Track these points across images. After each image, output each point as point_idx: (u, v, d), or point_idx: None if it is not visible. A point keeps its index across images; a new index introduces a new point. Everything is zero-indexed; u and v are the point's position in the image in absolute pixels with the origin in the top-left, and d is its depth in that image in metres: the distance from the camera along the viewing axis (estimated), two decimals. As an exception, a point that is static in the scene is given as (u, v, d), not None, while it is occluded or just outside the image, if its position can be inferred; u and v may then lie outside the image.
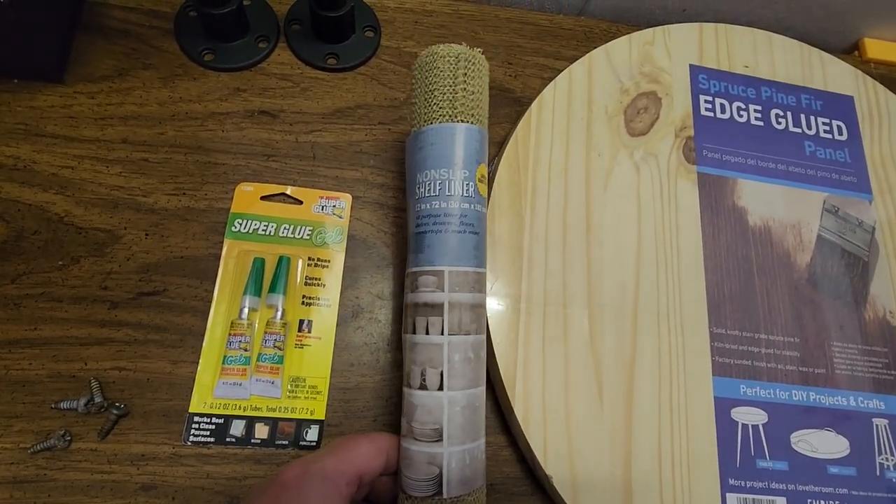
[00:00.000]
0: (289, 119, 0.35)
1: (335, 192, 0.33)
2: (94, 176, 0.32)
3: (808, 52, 0.41)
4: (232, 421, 0.28)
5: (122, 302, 0.30)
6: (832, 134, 0.38)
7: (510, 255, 0.32)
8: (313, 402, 0.29)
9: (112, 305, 0.29)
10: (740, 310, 0.33)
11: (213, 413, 0.28)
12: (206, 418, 0.28)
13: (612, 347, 0.31)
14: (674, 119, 0.37)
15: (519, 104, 0.38)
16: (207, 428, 0.28)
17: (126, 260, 0.30)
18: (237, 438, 0.28)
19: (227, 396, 0.29)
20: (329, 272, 0.32)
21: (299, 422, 0.29)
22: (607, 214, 0.33)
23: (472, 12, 0.40)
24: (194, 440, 0.28)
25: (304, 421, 0.29)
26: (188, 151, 0.33)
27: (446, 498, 0.23)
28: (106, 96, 0.34)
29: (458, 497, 0.23)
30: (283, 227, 0.32)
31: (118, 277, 0.30)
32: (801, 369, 0.32)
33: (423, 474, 0.23)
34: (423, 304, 0.25)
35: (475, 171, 0.26)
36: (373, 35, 0.38)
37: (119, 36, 0.35)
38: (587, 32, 0.41)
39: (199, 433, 0.28)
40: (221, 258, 0.31)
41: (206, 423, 0.28)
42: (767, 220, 0.35)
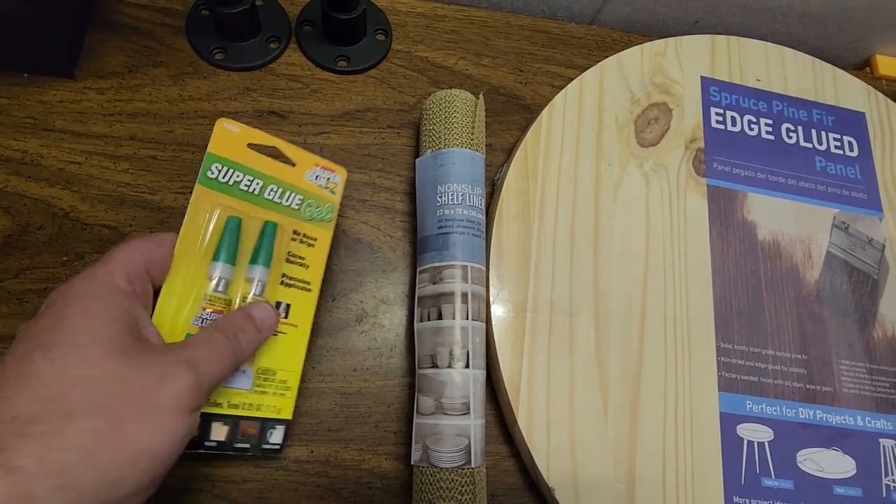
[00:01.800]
0: (298, 120, 0.35)
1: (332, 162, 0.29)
2: (101, 172, 0.32)
3: (821, 68, 0.40)
4: None
5: (125, 300, 0.29)
6: (843, 150, 0.38)
7: (517, 263, 0.31)
8: (281, 400, 0.26)
9: (115, 303, 0.29)
10: (748, 325, 0.33)
11: None
12: None
13: (617, 359, 0.30)
14: (684, 131, 0.36)
15: (529, 111, 0.38)
16: None
17: (130, 257, 0.30)
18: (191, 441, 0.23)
19: None
20: (314, 252, 0.28)
21: (263, 421, 0.25)
22: (616, 225, 0.33)
23: (483, 18, 0.40)
24: None
25: (268, 421, 0.25)
26: (196, 150, 0.33)
27: (474, 467, 0.26)
28: (115, 92, 0.33)
29: (479, 467, 0.27)
30: (269, 188, 0.26)
31: (122, 275, 0.30)
32: (808, 387, 0.32)
33: (454, 446, 0.26)
34: (450, 293, 0.28)
35: (483, 190, 0.31)
36: (384, 38, 0.38)
37: (131, 32, 0.35)
38: (599, 42, 0.41)
39: None
40: (189, 208, 0.25)
41: None
42: (777, 234, 0.35)
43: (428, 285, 0.29)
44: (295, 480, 0.28)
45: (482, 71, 0.39)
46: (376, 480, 0.29)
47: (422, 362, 0.28)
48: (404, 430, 0.30)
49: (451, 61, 0.38)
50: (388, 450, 0.29)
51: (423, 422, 0.27)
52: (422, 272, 0.30)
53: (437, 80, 0.38)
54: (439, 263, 0.29)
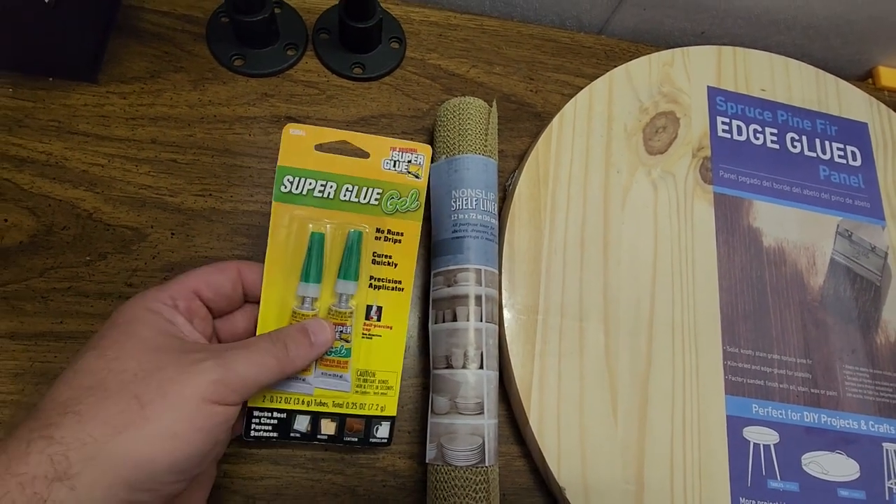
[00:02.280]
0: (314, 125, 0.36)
1: (413, 142, 0.27)
2: (123, 174, 0.32)
3: (824, 79, 0.41)
4: (295, 416, 0.26)
5: (146, 299, 0.30)
6: (846, 159, 0.39)
7: (529, 267, 0.32)
8: (384, 399, 0.27)
9: (137, 302, 0.30)
10: (753, 329, 0.33)
11: (275, 407, 0.26)
12: (266, 413, 0.26)
13: (626, 363, 0.31)
14: (691, 139, 0.37)
15: (539, 119, 0.39)
16: (269, 423, 0.26)
17: (151, 258, 0.31)
18: (302, 434, 0.26)
19: (290, 390, 0.26)
20: (402, 248, 0.26)
21: (369, 418, 0.27)
22: (625, 231, 0.34)
23: (495, 27, 0.41)
24: (255, 435, 0.26)
25: (374, 417, 0.27)
26: (215, 154, 0.34)
27: (487, 466, 0.27)
28: (137, 97, 0.34)
29: (492, 466, 0.27)
30: (344, 189, 0.26)
31: (143, 275, 0.31)
32: (813, 391, 0.33)
33: (468, 445, 0.27)
34: (464, 295, 0.29)
35: (496, 195, 0.32)
36: (398, 46, 0.39)
37: (152, 39, 0.36)
38: (607, 51, 0.42)
39: (261, 427, 0.26)
40: (270, 226, 0.25)
41: (268, 418, 0.26)
42: (781, 241, 0.36)
43: (443, 288, 0.30)
44: (311, 478, 0.29)
45: (494, 79, 0.39)
46: (390, 479, 0.29)
47: (437, 363, 0.29)
48: (418, 430, 0.30)
49: (463, 69, 0.39)
50: (402, 448, 0.30)
51: (438, 421, 0.28)
52: (436, 275, 0.31)
53: (450, 87, 0.39)
54: (454, 267, 0.30)
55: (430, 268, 0.32)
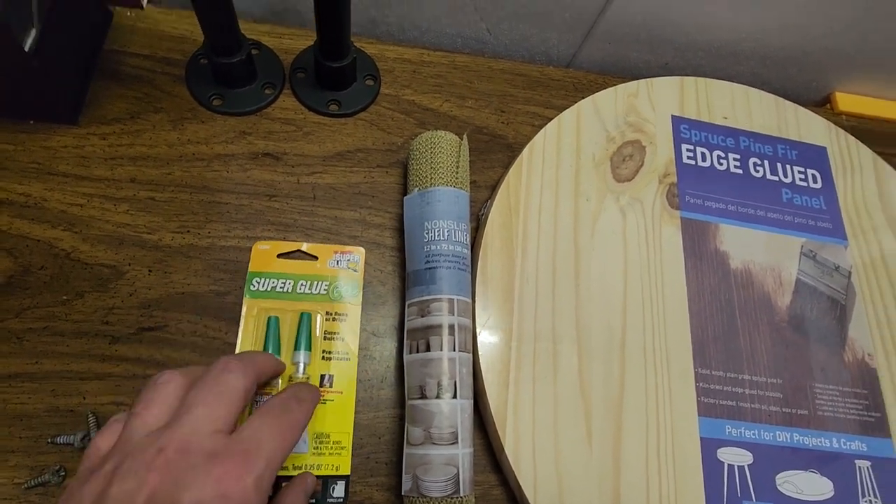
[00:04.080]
0: (291, 161, 0.37)
1: (349, 246, 0.34)
2: (101, 213, 0.33)
3: (783, 105, 0.43)
4: None
5: (122, 337, 0.30)
6: (807, 182, 0.41)
7: (502, 295, 0.33)
8: (338, 458, 0.29)
9: (113, 340, 0.30)
10: (724, 351, 0.34)
11: None
12: None
13: (600, 388, 0.31)
14: (657, 166, 0.39)
15: (511, 150, 0.40)
16: None
17: (129, 295, 0.31)
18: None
19: None
20: (347, 325, 0.32)
21: (325, 478, 0.29)
22: (595, 257, 0.35)
23: (466, 63, 0.43)
24: None
25: (330, 477, 0.29)
26: (194, 191, 0.35)
27: (462, 496, 0.27)
28: (117, 137, 0.35)
29: (468, 496, 0.27)
30: (300, 284, 0.32)
31: (120, 312, 0.31)
32: (785, 410, 0.33)
33: (443, 475, 0.27)
34: (437, 325, 0.29)
35: (468, 226, 0.33)
36: (373, 83, 0.40)
37: (133, 81, 0.37)
38: (575, 84, 0.44)
39: None
40: (242, 317, 0.31)
41: None
42: (748, 263, 0.37)
43: (416, 318, 0.30)
44: (287, 514, 0.28)
45: (466, 112, 0.41)
46: (367, 512, 0.29)
47: (411, 393, 0.29)
48: (395, 461, 0.30)
49: (436, 104, 0.41)
50: (379, 480, 0.30)
51: (412, 452, 0.28)
52: (410, 305, 0.31)
53: (424, 121, 0.40)
54: (427, 297, 0.30)
55: (404, 298, 0.32)
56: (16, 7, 0.27)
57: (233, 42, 0.35)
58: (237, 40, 0.35)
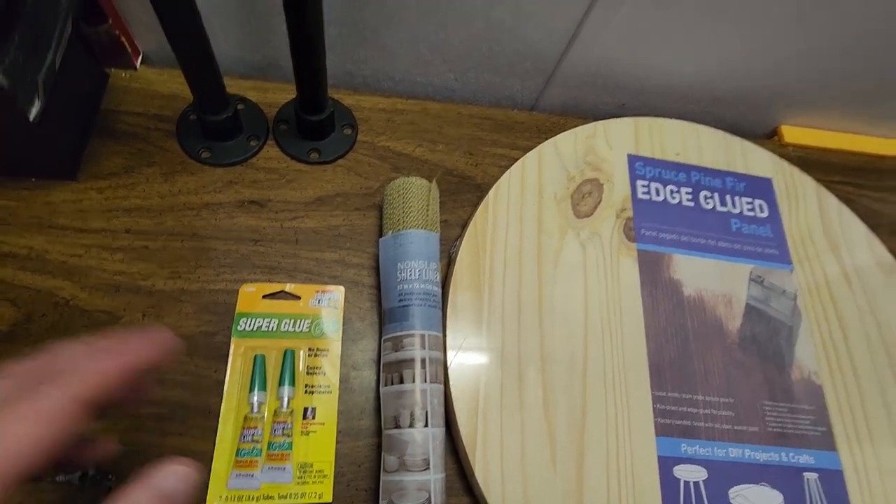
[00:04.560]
0: (275, 207, 0.40)
1: (329, 285, 0.37)
2: (99, 263, 0.36)
3: (731, 141, 0.47)
4: None
5: (118, 379, 0.33)
6: (755, 212, 0.44)
7: (471, 329, 0.35)
8: (321, 486, 0.31)
9: (109, 382, 0.32)
10: (679, 373, 0.37)
11: None
12: None
13: (563, 414, 0.34)
14: (615, 202, 0.42)
15: (479, 190, 0.43)
16: None
17: (124, 339, 0.34)
18: None
19: (241, 487, 0.31)
20: (328, 360, 0.35)
21: None
22: (557, 290, 0.38)
23: (437, 110, 0.46)
24: None
25: None
26: (184, 238, 0.37)
27: None
28: (113, 191, 0.38)
29: None
30: (284, 322, 0.35)
31: (116, 356, 0.33)
32: (737, 427, 0.36)
33: (416, 500, 0.29)
34: (410, 359, 0.32)
35: (438, 265, 0.36)
36: (350, 132, 0.43)
37: (128, 138, 0.40)
38: (539, 126, 0.47)
39: None
40: (230, 356, 0.33)
41: None
42: (701, 290, 0.40)
43: (391, 353, 0.33)
44: (273, 541, 0.30)
45: (437, 156, 0.44)
46: (348, 537, 0.31)
47: (387, 423, 0.32)
48: (374, 488, 0.33)
49: (410, 149, 0.44)
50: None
51: (388, 479, 0.30)
52: (385, 340, 0.34)
53: (398, 165, 0.43)
54: (400, 333, 0.33)
55: (381, 335, 0.35)
56: (22, 82, 0.31)
57: (220, 101, 0.38)
58: (224, 100, 0.38)
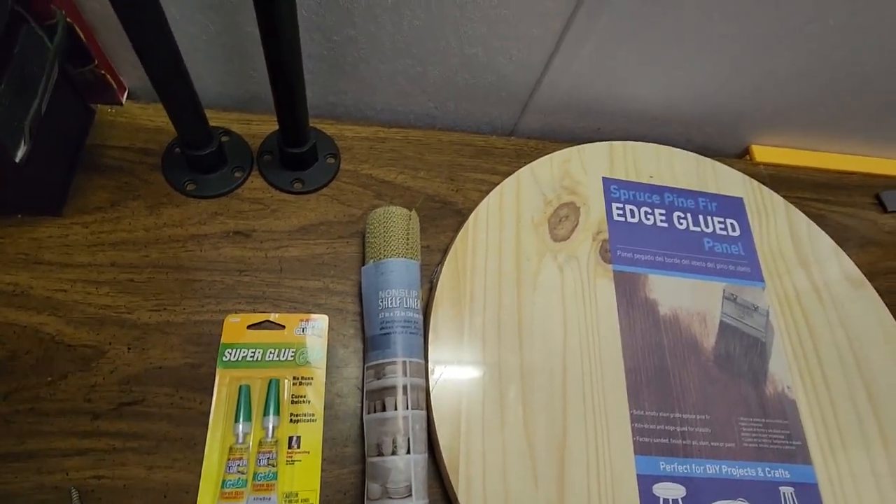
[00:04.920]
0: (260, 237, 0.40)
1: (314, 313, 0.37)
2: (84, 297, 0.36)
3: (703, 162, 0.48)
4: None
5: (103, 413, 0.33)
6: (727, 231, 0.45)
7: (452, 353, 0.36)
8: None
9: (94, 417, 0.33)
10: (656, 392, 0.38)
11: None
12: None
13: (544, 434, 0.35)
14: (591, 225, 0.43)
15: (460, 215, 0.44)
16: None
17: (110, 373, 0.34)
18: None
19: None
20: (312, 388, 0.35)
21: None
22: (536, 312, 0.39)
23: (419, 137, 0.47)
24: None
25: None
26: (169, 270, 0.38)
27: None
28: (99, 225, 0.39)
29: None
30: (269, 352, 0.35)
31: (101, 390, 0.34)
32: (713, 444, 0.37)
33: None
34: (392, 386, 0.33)
35: (419, 292, 0.36)
36: (333, 161, 0.44)
37: (113, 172, 0.41)
38: (517, 150, 0.49)
39: None
40: (215, 387, 0.34)
41: None
42: (676, 309, 0.41)
43: (374, 380, 0.34)
44: (258, 572, 0.31)
45: (419, 182, 0.45)
46: (333, 566, 0.32)
47: (370, 451, 0.32)
48: (358, 515, 0.33)
49: (392, 176, 0.45)
50: (343, 535, 0.32)
51: (370, 508, 0.31)
52: (368, 368, 0.34)
53: (381, 193, 0.44)
54: (382, 360, 0.34)
55: (364, 362, 0.35)
56: (9, 128, 0.31)
57: (203, 137, 0.39)
58: (207, 135, 0.39)
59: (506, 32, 0.41)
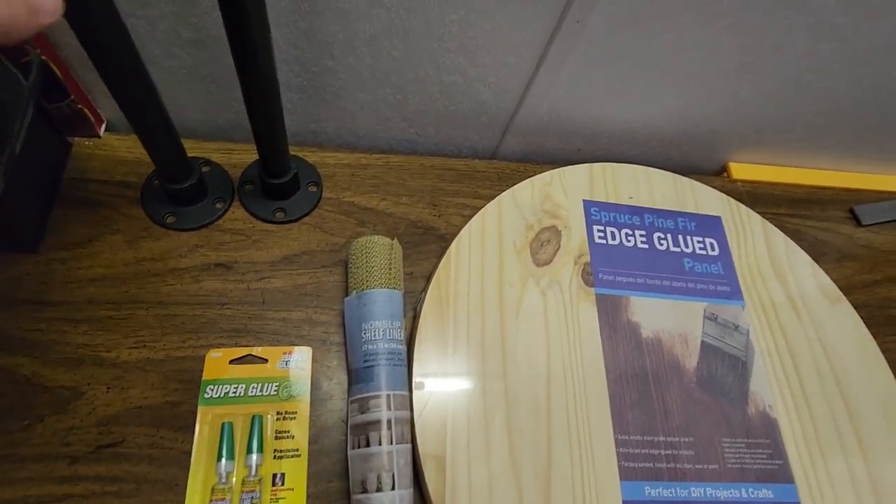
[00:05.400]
0: (241, 269, 0.40)
1: (297, 346, 0.37)
2: (61, 336, 0.36)
3: (681, 182, 0.49)
4: None
5: (81, 456, 0.32)
6: (706, 250, 0.46)
7: (437, 382, 0.36)
8: None
9: (72, 461, 0.32)
10: (640, 415, 0.38)
11: None
12: None
13: (530, 462, 0.35)
14: (572, 248, 0.43)
15: (443, 240, 0.44)
16: None
17: (88, 414, 0.34)
18: None
19: None
20: (296, 423, 0.35)
21: None
22: (520, 339, 0.39)
23: (400, 162, 0.48)
24: None
25: None
26: (149, 306, 0.38)
27: None
28: (77, 261, 0.38)
29: None
30: (251, 387, 0.35)
31: (79, 432, 0.33)
32: (697, 466, 0.37)
33: None
34: (376, 421, 0.33)
35: (402, 323, 0.36)
36: (315, 189, 0.44)
37: (91, 206, 0.40)
38: (499, 173, 0.49)
39: None
40: (196, 425, 0.33)
41: None
42: (658, 331, 0.41)
43: (357, 414, 0.33)
44: None
45: (401, 209, 0.45)
46: None
47: (354, 487, 0.32)
48: (345, 552, 0.33)
49: (374, 203, 0.45)
50: (329, 573, 0.32)
51: (356, 544, 0.30)
52: (352, 402, 0.34)
53: (363, 220, 0.44)
54: (366, 394, 0.34)
55: (348, 395, 0.35)
56: (-20, 167, 0.31)
57: (183, 170, 0.39)
58: (187, 168, 0.39)
59: (483, 61, 0.41)
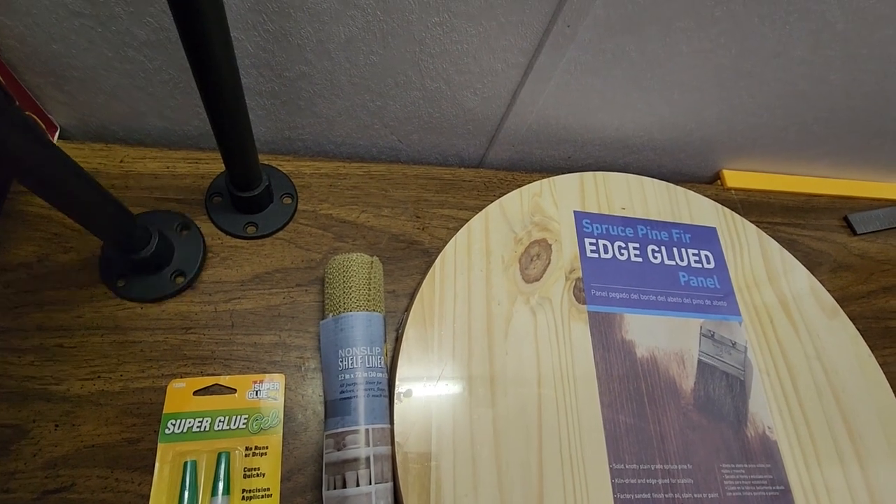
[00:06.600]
0: (208, 289, 0.37)
1: (268, 373, 0.34)
2: (3, 368, 0.32)
3: (675, 191, 0.47)
4: None
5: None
6: (702, 263, 0.44)
7: (420, 412, 0.34)
8: None
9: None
10: (636, 442, 0.36)
11: None
12: None
13: (520, 497, 0.32)
14: (563, 263, 0.41)
15: (427, 255, 0.42)
16: None
17: (32, 456, 0.30)
18: None
19: None
20: (267, 460, 0.32)
21: None
22: (509, 361, 0.36)
23: (382, 172, 0.45)
24: None
25: None
26: (105, 332, 0.34)
27: None
28: (23, 283, 0.35)
29: None
30: (218, 420, 0.32)
31: (23, 477, 0.30)
32: (696, 496, 0.35)
33: None
34: (353, 459, 0.30)
35: (382, 348, 0.34)
36: (290, 201, 0.41)
37: (41, 222, 0.37)
38: (486, 183, 0.46)
39: None
40: (156, 465, 0.31)
41: None
42: (653, 350, 0.39)
43: (333, 451, 0.31)
44: None
45: (382, 221, 0.43)
46: None
47: (330, 532, 0.29)
48: None
49: (353, 215, 0.42)
50: None
51: None
52: (328, 437, 0.31)
53: (342, 234, 0.41)
54: (342, 429, 0.31)
55: (324, 429, 0.33)
56: None
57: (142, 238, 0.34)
58: (146, 237, 0.34)
59: (469, 67, 0.39)
